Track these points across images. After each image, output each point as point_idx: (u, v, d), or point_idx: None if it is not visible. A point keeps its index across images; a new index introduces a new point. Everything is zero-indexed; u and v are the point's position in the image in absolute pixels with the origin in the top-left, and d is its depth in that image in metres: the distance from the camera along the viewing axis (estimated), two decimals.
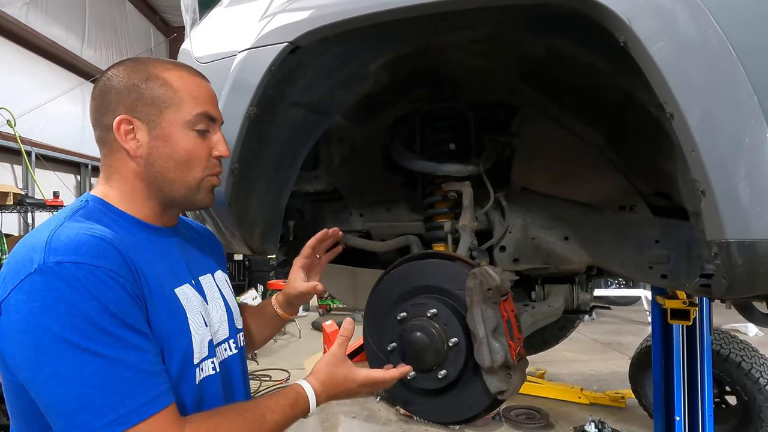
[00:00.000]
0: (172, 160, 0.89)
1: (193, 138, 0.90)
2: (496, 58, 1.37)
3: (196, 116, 0.90)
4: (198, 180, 0.92)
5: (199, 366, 0.87)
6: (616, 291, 8.58)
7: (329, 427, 4.17)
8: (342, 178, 1.73)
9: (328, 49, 1.23)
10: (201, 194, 0.94)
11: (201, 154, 0.91)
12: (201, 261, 1.03)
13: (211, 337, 0.92)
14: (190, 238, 1.06)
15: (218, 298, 1.01)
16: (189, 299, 0.89)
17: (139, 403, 0.71)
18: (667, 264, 1.37)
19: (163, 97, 0.89)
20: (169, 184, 0.90)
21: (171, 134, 0.89)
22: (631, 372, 3.94)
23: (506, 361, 1.11)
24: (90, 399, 0.68)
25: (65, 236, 0.76)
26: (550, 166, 1.51)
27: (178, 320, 0.84)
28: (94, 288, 0.72)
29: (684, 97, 0.87)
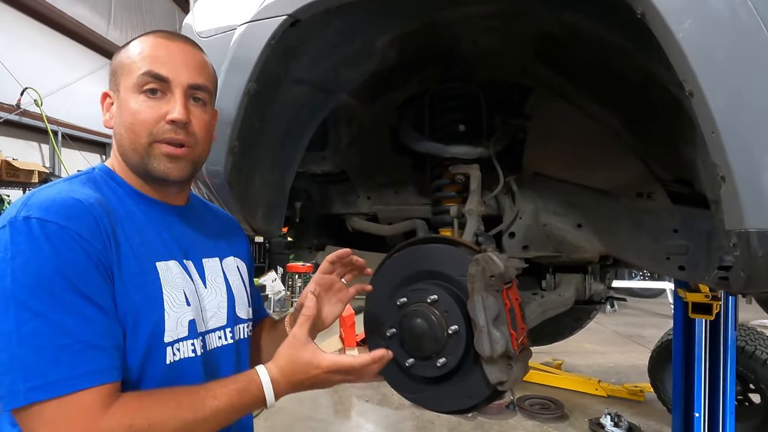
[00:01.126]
0: (122, 126, 0.86)
1: (141, 101, 0.85)
2: (509, 36, 1.31)
3: (141, 75, 0.85)
4: (144, 146, 0.85)
5: (171, 345, 0.82)
6: (640, 283, 8.41)
7: (342, 410, 4.20)
8: (350, 160, 1.69)
9: (332, 23, 1.19)
10: (154, 162, 0.86)
11: (145, 117, 0.85)
12: (208, 244, 0.99)
13: (194, 318, 0.87)
14: (201, 220, 1.02)
15: (221, 284, 0.97)
16: (171, 275, 0.85)
17: (70, 374, 0.67)
18: (685, 255, 1.30)
19: (121, 64, 0.87)
20: (124, 152, 0.88)
21: (125, 100, 0.86)
22: (651, 365, 3.86)
23: (507, 351, 1.07)
24: (21, 359, 0.66)
25: (45, 195, 0.75)
26: (564, 150, 1.44)
27: (150, 294, 0.81)
28: (54, 248, 0.70)
29: (705, 74, 0.81)
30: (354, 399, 4.38)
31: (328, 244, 1.85)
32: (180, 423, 0.73)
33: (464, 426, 3.82)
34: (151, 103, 0.85)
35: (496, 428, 3.80)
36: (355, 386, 4.59)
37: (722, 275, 1.06)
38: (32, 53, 6.19)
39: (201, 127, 0.90)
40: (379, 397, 4.29)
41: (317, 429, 3.79)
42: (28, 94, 5.60)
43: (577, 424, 3.88)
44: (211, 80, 0.94)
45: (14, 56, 5.94)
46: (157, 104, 0.86)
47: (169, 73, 0.86)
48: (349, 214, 1.78)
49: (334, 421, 3.98)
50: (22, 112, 5.88)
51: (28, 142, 6.27)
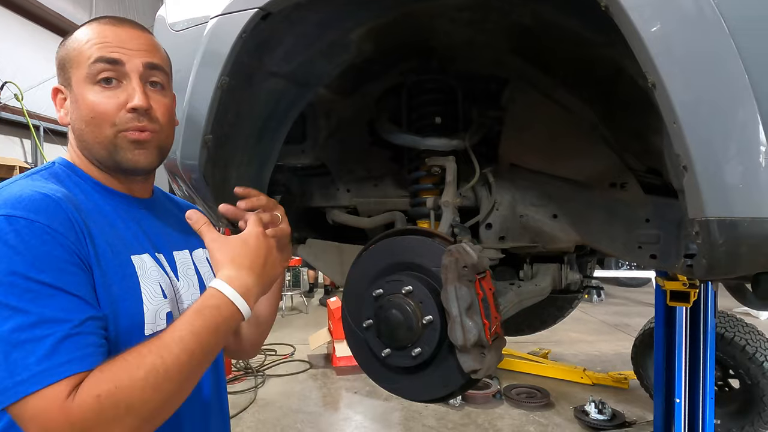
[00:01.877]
0: (82, 121, 0.84)
1: (97, 92, 0.82)
2: (483, 28, 1.31)
3: (92, 65, 0.81)
4: (110, 138, 0.83)
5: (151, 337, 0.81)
6: (626, 272, 8.50)
7: (331, 402, 4.23)
8: (329, 153, 1.69)
9: (305, 16, 1.19)
10: (121, 152, 0.84)
11: (105, 108, 0.82)
12: (177, 236, 0.98)
13: (171, 311, 0.86)
14: (167, 213, 1.01)
15: (192, 276, 0.96)
16: (147, 268, 0.84)
17: (54, 363, 0.66)
18: (656, 244, 1.32)
19: (69, 56, 0.84)
20: (89, 146, 0.85)
21: (80, 94, 0.83)
22: (634, 353, 3.92)
23: (480, 340, 1.09)
24: (4, 356, 0.65)
25: (9, 191, 0.73)
26: (540, 141, 1.45)
27: (129, 286, 0.80)
28: (24, 243, 0.68)
29: (666, 66, 0.82)
30: (342, 391, 4.41)
31: (308, 237, 1.86)
32: (148, 370, 0.67)
33: (452, 415, 3.87)
34: (108, 93, 0.82)
35: (483, 417, 3.85)
36: (343, 379, 4.62)
37: (688, 263, 1.08)
38: (12, 47, 6.08)
39: (163, 112, 0.88)
40: (368, 389, 4.32)
41: (306, 421, 3.81)
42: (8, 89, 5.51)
43: (562, 411, 3.95)
44: (165, 62, 0.91)
45: None
46: (114, 93, 0.83)
47: (121, 56, 0.83)
48: (329, 207, 1.78)
49: (322, 413, 4.00)
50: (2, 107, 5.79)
51: (9, 138, 6.18)
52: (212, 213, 1.42)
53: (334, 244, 1.78)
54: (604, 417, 3.62)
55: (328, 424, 3.83)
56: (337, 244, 1.77)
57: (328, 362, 5.05)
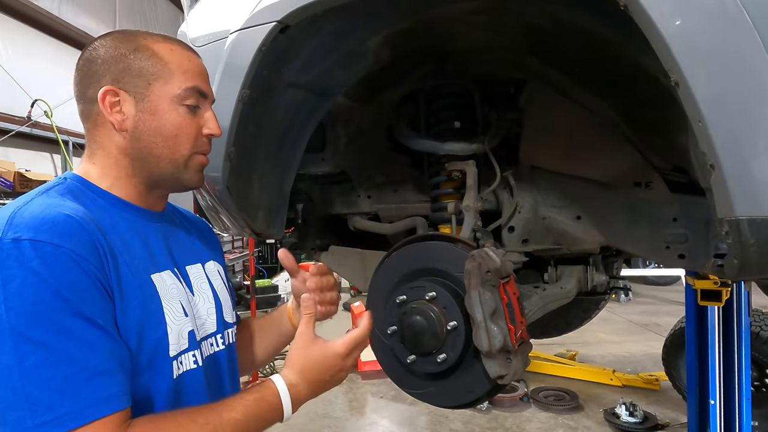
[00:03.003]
0: (159, 135, 0.85)
1: (182, 113, 0.86)
2: (500, 31, 1.31)
3: (186, 90, 0.86)
4: (185, 157, 0.87)
5: (176, 359, 0.81)
6: (654, 270, 8.32)
7: (357, 407, 4.24)
8: (349, 160, 1.71)
9: (322, 27, 1.20)
10: (189, 173, 0.89)
11: (190, 130, 0.87)
12: (189, 250, 0.98)
13: (192, 329, 0.86)
14: (179, 226, 1.01)
15: (207, 290, 0.96)
16: (167, 287, 0.83)
17: (80, 405, 0.63)
18: (684, 243, 1.30)
19: (152, 68, 0.85)
20: (156, 160, 0.86)
21: (159, 108, 0.84)
22: (665, 354, 3.84)
23: (505, 345, 1.08)
24: (26, 394, 0.61)
25: (29, 212, 0.70)
26: (560, 142, 1.43)
27: (151, 309, 0.79)
28: (50, 270, 0.65)
29: (689, 64, 0.81)
30: (368, 396, 4.41)
31: (331, 244, 1.87)
32: None
33: (478, 419, 3.83)
34: (191, 116, 0.87)
35: (510, 420, 3.81)
36: (369, 383, 4.62)
37: (719, 263, 1.05)
38: (41, 65, 6.28)
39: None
40: (393, 393, 4.31)
41: (332, 426, 3.83)
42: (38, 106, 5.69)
43: (591, 414, 3.88)
44: None
45: (23, 69, 6.03)
46: (196, 119, 0.88)
47: (207, 89, 0.91)
48: (350, 213, 1.79)
49: (348, 418, 4.01)
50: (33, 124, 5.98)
51: (40, 153, 6.37)
52: (236, 223, 1.44)
53: (356, 251, 1.79)
54: (635, 419, 3.54)
55: (354, 429, 3.83)
56: (360, 251, 1.78)
57: (353, 367, 5.06)
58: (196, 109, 0.88)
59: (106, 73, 0.84)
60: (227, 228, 1.57)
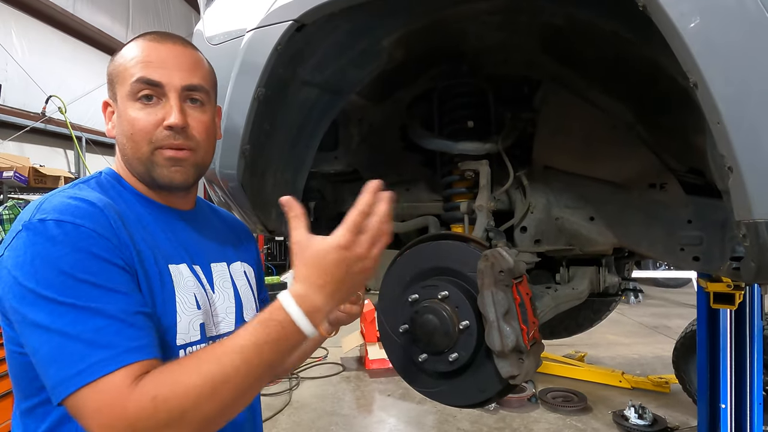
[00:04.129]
0: (123, 135, 0.87)
1: (136, 109, 0.84)
2: (515, 30, 1.31)
3: (134, 83, 0.84)
4: (146, 154, 0.85)
5: (183, 348, 0.82)
6: (665, 272, 8.25)
7: (364, 404, 4.24)
8: (361, 159, 1.71)
9: (338, 26, 1.21)
10: (158, 169, 0.86)
11: (143, 125, 0.84)
12: (215, 248, 0.98)
13: (203, 321, 0.87)
14: (208, 224, 1.02)
15: (228, 288, 0.96)
16: (183, 278, 0.85)
17: (113, 353, 0.67)
18: (699, 246, 1.29)
19: (116, 71, 0.87)
20: (129, 161, 0.88)
21: (122, 109, 0.86)
22: (675, 357, 3.80)
23: (518, 345, 1.08)
24: (62, 348, 0.66)
25: (58, 199, 0.76)
26: (574, 143, 1.43)
27: (165, 295, 0.81)
28: (73, 244, 0.71)
29: (708, 65, 0.80)
30: (376, 394, 4.42)
31: None
32: (204, 377, 0.66)
33: (486, 419, 3.83)
34: (147, 110, 0.84)
35: (518, 421, 3.79)
36: (376, 381, 4.63)
37: (735, 266, 1.05)
38: (55, 62, 6.37)
39: (200, 130, 0.88)
40: (401, 392, 4.32)
41: (340, 424, 3.84)
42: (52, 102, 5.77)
43: (600, 416, 3.85)
44: (207, 78, 0.92)
45: (39, 66, 6.11)
46: (153, 110, 0.84)
47: (161, 77, 0.84)
48: None
49: (356, 416, 4.02)
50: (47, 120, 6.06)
51: (54, 149, 6.46)
52: (249, 220, 1.45)
53: None
54: (644, 422, 3.51)
55: (362, 427, 3.84)
56: None
57: (361, 365, 5.08)
58: (151, 99, 0.84)
59: (108, 86, 0.90)
60: None
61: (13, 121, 5.70)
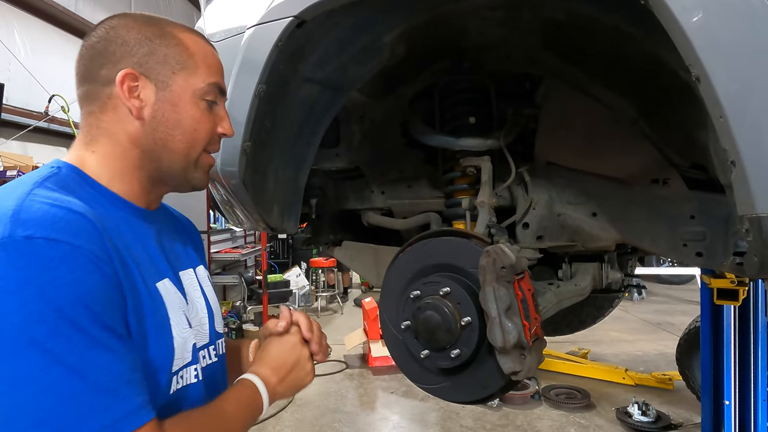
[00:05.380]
0: (178, 127, 0.79)
1: (202, 108, 0.81)
2: (516, 26, 1.30)
3: (210, 85, 0.82)
4: (198, 154, 0.83)
5: (178, 374, 0.76)
6: (668, 269, 8.23)
7: (368, 401, 4.25)
8: (363, 156, 1.71)
9: (339, 22, 1.20)
10: (198, 172, 0.84)
11: (208, 126, 0.83)
12: (182, 253, 0.91)
13: (195, 341, 0.81)
14: (171, 227, 0.93)
15: (199, 298, 0.89)
16: (170, 295, 0.78)
17: (112, 419, 0.59)
18: (702, 241, 1.28)
19: (178, 57, 0.80)
20: (169, 154, 0.80)
21: (181, 99, 0.79)
22: (679, 353, 3.80)
23: (519, 342, 1.08)
24: (52, 409, 0.56)
25: (37, 207, 0.63)
26: (576, 138, 1.42)
27: (158, 319, 0.73)
28: (72, 274, 0.60)
29: (711, 59, 0.79)
30: (379, 391, 4.42)
31: (344, 240, 1.88)
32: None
33: (489, 416, 3.83)
34: (209, 112, 0.83)
35: (521, 418, 3.80)
36: (379, 379, 4.64)
37: (738, 261, 1.04)
38: (58, 61, 6.37)
39: None
40: (404, 389, 4.32)
41: (343, 421, 3.85)
42: (55, 102, 5.77)
43: (603, 413, 3.85)
44: None
45: (41, 65, 6.12)
46: (212, 115, 0.84)
47: (225, 88, 0.87)
48: (364, 209, 1.80)
49: (359, 413, 4.03)
50: (50, 119, 6.07)
51: (57, 148, 6.47)
52: (251, 217, 1.45)
53: (369, 246, 1.80)
54: (648, 419, 3.51)
55: (366, 424, 3.85)
56: (373, 246, 1.79)
57: (364, 362, 5.08)
58: (213, 105, 0.84)
59: (126, 55, 0.77)
60: (241, 222, 1.58)
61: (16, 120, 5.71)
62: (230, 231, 7.65)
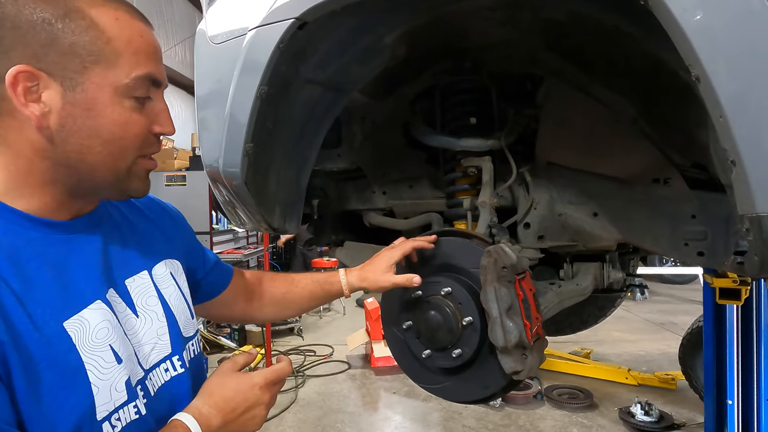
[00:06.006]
0: (96, 136, 0.64)
1: (128, 109, 0.66)
2: (517, 26, 1.30)
3: (137, 79, 0.66)
4: (129, 164, 0.69)
5: (108, 420, 0.65)
6: (671, 269, 8.22)
7: (370, 402, 4.26)
8: (364, 156, 1.71)
9: (340, 23, 1.21)
10: (133, 182, 0.71)
11: (137, 130, 0.67)
12: (133, 255, 0.79)
13: (128, 377, 0.69)
14: (120, 223, 0.81)
15: (154, 305, 0.78)
16: (90, 331, 0.65)
17: None
18: (704, 241, 1.28)
19: (90, 45, 0.63)
20: (90, 169, 0.66)
21: (98, 101, 0.64)
22: (681, 353, 3.80)
23: (521, 341, 1.08)
24: None
25: None
26: (577, 138, 1.42)
27: (65, 370, 0.62)
28: None
29: (710, 59, 0.80)
30: (381, 391, 4.43)
31: (346, 240, 1.88)
32: None
33: (492, 416, 3.83)
34: (139, 112, 0.68)
35: (524, 418, 3.80)
36: (382, 379, 4.64)
37: (739, 260, 1.04)
38: None
39: None
40: (406, 389, 4.33)
41: (346, 421, 3.85)
42: None
43: (606, 413, 3.85)
44: None
45: None
46: (144, 113, 0.69)
47: (161, 75, 0.70)
48: (365, 209, 1.80)
49: (362, 413, 4.04)
50: None
51: None
52: (253, 218, 1.46)
53: (371, 246, 1.80)
54: (651, 419, 3.51)
55: (368, 424, 3.85)
56: (375, 247, 1.79)
57: (367, 363, 5.09)
58: (146, 101, 0.68)
59: (19, 43, 0.60)
60: (244, 223, 1.59)
61: None
62: (233, 232, 7.66)
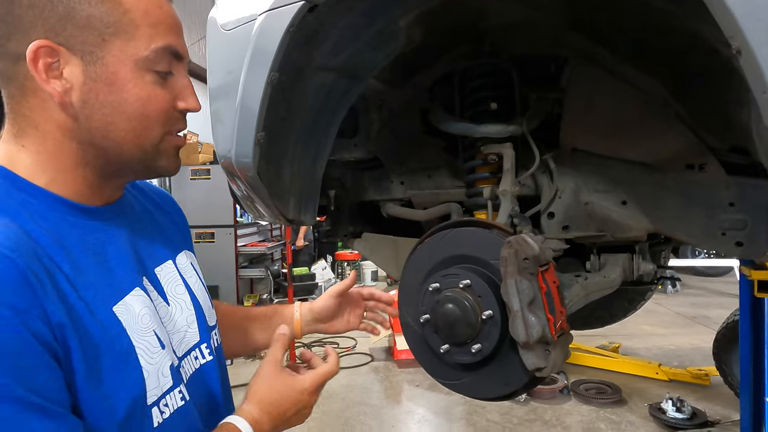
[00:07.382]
0: (119, 112, 0.63)
1: (149, 83, 0.65)
2: (539, 6, 1.23)
3: (158, 51, 0.64)
4: (155, 141, 0.67)
5: (156, 405, 0.65)
6: (704, 261, 7.95)
7: (393, 395, 4.24)
8: (381, 145, 1.67)
9: (352, 6, 1.16)
10: (163, 160, 0.70)
11: (162, 105, 0.66)
12: (158, 244, 0.78)
13: (172, 361, 0.69)
14: (141, 213, 0.80)
15: (183, 293, 0.78)
16: (136, 317, 0.65)
17: None
18: (743, 230, 1.20)
19: (107, 18, 0.61)
20: (116, 146, 0.65)
21: (118, 75, 0.62)
22: (716, 348, 3.66)
23: (544, 336, 1.03)
24: None
25: None
26: (605, 123, 1.35)
27: (119, 353, 0.61)
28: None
29: (752, 29, 0.73)
30: (404, 384, 4.41)
31: (364, 231, 1.85)
32: None
33: (516, 411, 3.77)
34: (162, 86, 0.67)
35: (549, 413, 3.72)
36: (405, 372, 4.62)
37: None
38: None
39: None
40: (429, 382, 4.29)
41: (369, 414, 3.84)
42: None
43: (635, 408, 3.74)
44: None
45: None
46: (167, 88, 0.68)
47: (183, 48, 0.68)
48: (383, 200, 1.76)
49: (385, 406, 4.02)
50: None
51: None
52: (269, 210, 1.43)
53: (389, 238, 1.76)
54: (683, 415, 3.39)
55: (391, 417, 3.84)
56: (393, 238, 1.75)
57: (389, 355, 5.07)
58: (167, 76, 0.67)
59: (37, 19, 0.59)
60: (262, 216, 1.56)
61: None
62: (257, 225, 7.74)
